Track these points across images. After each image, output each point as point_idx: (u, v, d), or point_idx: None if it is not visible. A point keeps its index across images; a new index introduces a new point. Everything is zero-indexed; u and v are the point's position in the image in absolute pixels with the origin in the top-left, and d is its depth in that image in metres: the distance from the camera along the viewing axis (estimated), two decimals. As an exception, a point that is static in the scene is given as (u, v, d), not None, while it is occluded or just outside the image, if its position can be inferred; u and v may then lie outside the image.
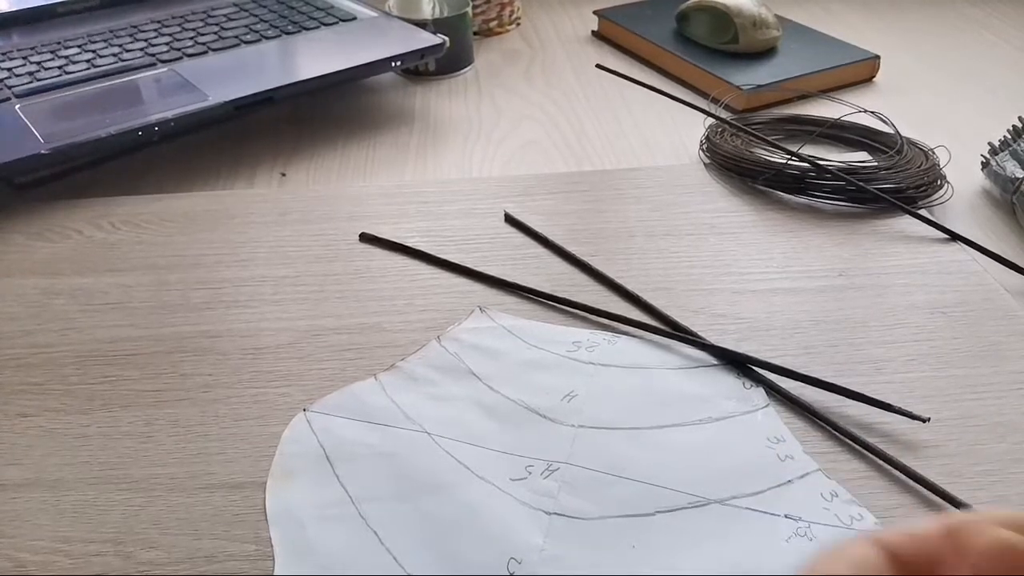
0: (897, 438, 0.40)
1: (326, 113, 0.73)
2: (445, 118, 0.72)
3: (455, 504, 0.36)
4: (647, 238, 0.54)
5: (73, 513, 0.37)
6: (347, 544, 0.35)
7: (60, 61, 0.70)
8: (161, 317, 0.49)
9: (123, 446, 0.40)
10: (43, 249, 0.55)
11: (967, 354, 0.44)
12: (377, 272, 0.52)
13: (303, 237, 0.55)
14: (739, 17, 0.75)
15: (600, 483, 0.37)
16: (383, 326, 0.47)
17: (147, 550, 0.36)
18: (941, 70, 0.78)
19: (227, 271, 0.52)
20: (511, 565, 0.34)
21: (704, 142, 0.64)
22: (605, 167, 0.64)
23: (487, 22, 0.88)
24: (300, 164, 0.66)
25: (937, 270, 0.50)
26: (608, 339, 0.46)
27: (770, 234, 0.54)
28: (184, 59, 0.70)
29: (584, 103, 0.74)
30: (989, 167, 0.59)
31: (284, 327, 0.48)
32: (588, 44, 0.87)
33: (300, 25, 0.75)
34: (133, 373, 0.45)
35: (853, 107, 0.67)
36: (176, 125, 0.61)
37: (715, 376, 0.43)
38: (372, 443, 0.40)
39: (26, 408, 0.43)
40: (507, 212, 0.57)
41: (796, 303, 0.48)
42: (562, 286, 0.50)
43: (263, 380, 0.44)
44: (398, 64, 0.69)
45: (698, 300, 0.49)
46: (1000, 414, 0.41)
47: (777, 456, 0.39)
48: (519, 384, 0.43)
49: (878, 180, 0.56)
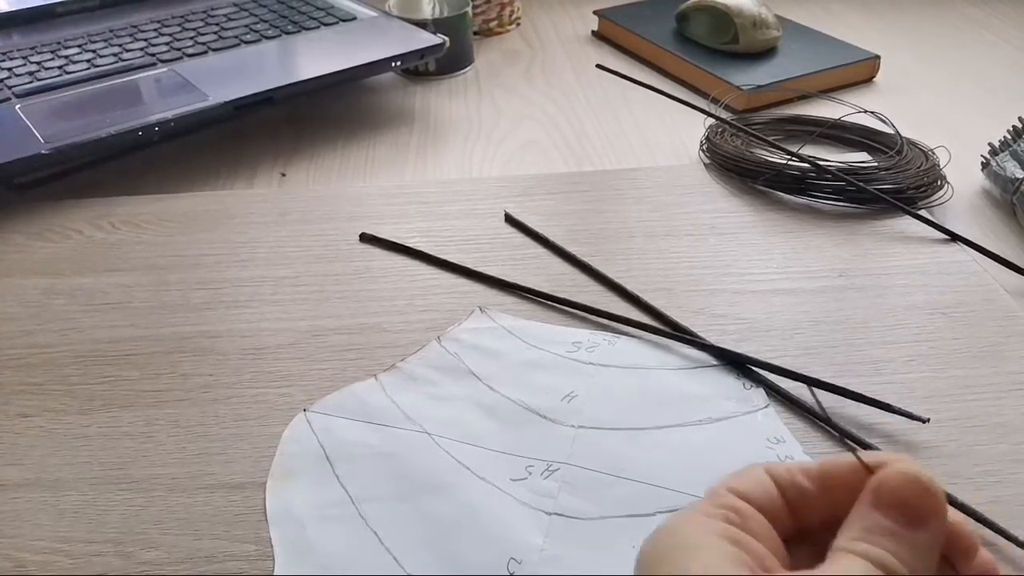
0: (897, 439, 0.40)
1: (326, 113, 0.73)
2: (445, 118, 0.72)
3: (455, 504, 0.37)
4: (647, 238, 0.54)
5: (73, 513, 0.37)
6: (347, 544, 0.35)
7: (60, 61, 0.70)
8: (161, 317, 0.49)
9: (123, 446, 0.40)
10: (43, 249, 0.55)
11: (967, 355, 0.44)
12: (377, 272, 0.52)
13: (303, 237, 0.55)
14: (739, 17, 0.75)
15: (600, 483, 0.37)
16: (383, 326, 0.47)
17: (147, 550, 0.36)
18: (941, 70, 0.78)
19: (227, 271, 0.52)
20: (511, 565, 0.34)
21: (704, 142, 0.64)
22: (605, 167, 0.64)
23: (487, 22, 0.88)
24: (300, 164, 0.66)
25: (937, 270, 0.50)
26: (608, 339, 0.46)
27: (770, 234, 0.54)
28: (184, 59, 0.70)
29: (584, 103, 0.74)
30: (989, 167, 0.59)
31: (284, 327, 0.48)
32: (588, 44, 0.87)
33: (300, 25, 0.75)
34: (133, 373, 0.45)
35: (853, 107, 0.67)
36: (176, 125, 0.61)
37: (715, 377, 0.43)
38: (372, 443, 0.40)
39: (26, 408, 0.43)
40: (507, 212, 0.57)
41: (796, 303, 0.48)
42: (562, 286, 0.50)
43: (263, 380, 0.44)
44: (398, 64, 0.69)
45: (698, 300, 0.49)
46: (1000, 415, 0.41)
47: (777, 457, 0.39)
48: (519, 384, 0.43)
49: (878, 180, 0.56)
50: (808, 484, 0.24)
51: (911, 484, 0.22)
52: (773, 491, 0.24)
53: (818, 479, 0.24)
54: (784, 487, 0.24)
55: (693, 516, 0.23)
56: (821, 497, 0.24)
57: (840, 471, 0.24)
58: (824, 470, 0.24)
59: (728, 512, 0.23)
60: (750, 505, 0.24)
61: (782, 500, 0.24)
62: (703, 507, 0.24)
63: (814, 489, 0.24)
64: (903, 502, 0.22)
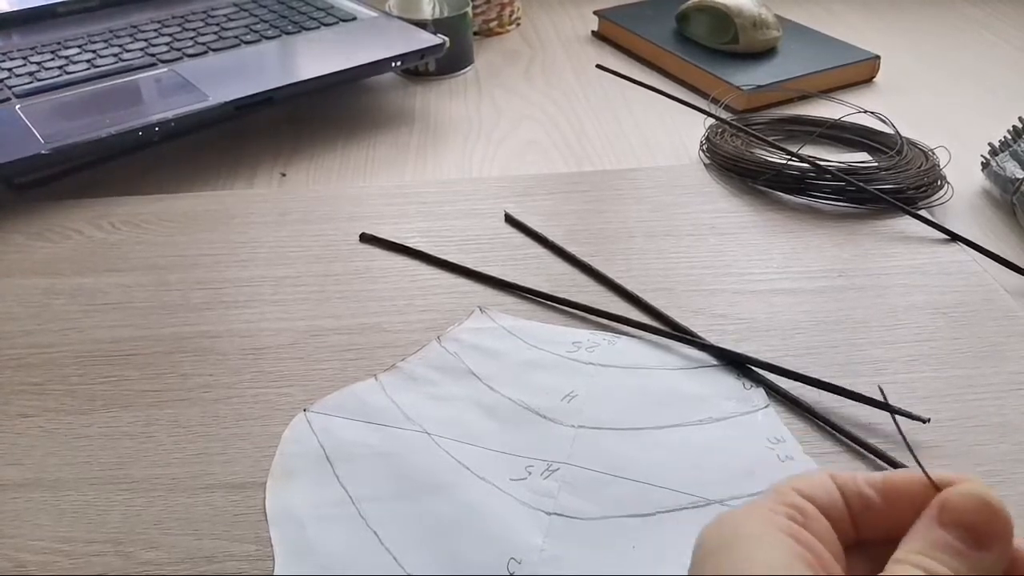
0: (897, 439, 0.39)
1: (326, 113, 0.73)
2: (445, 118, 0.72)
3: (455, 504, 0.36)
4: (647, 238, 0.54)
5: (73, 513, 0.37)
6: (347, 544, 0.35)
7: (60, 61, 0.70)
8: (161, 317, 0.49)
9: (123, 446, 0.40)
10: (43, 249, 0.55)
11: (967, 355, 0.44)
12: (377, 272, 0.52)
13: (303, 237, 0.55)
14: (739, 17, 0.75)
15: (600, 483, 0.37)
16: (383, 326, 0.47)
17: (147, 550, 0.36)
18: (941, 70, 0.78)
19: (227, 271, 0.52)
20: (511, 565, 0.34)
21: (704, 142, 0.64)
22: (605, 167, 0.64)
23: (487, 22, 0.88)
24: (300, 164, 0.66)
25: (937, 271, 0.50)
26: (608, 339, 0.46)
27: (770, 234, 0.54)
28: (184, 59, 0.70)
29: (584, 103, 0.74)
30: (989, 167, 0.59)
31: (284, 327, 0.48)
32: (588, 44, 0.87)
33: (300, 25, 0.75)
34: (133, 373, 0.45)
35: (853, 107, 0.67)
36: (176, 125, 0.61)
37: (715, 377, 0.43)
38: (372, 443, 0.40)
39: (26, 408, 0.43)
40: (507, 212, 0.57)
41: (796, 303, 0.48)
42: (562, 286, 0.50)
43: (263, 380, 0.44)
44: (398, 64, 0.69)
45: (698, 300, 0.49)
46: (1000, 414, 0.41)
47: (777, 457, 0.39)
48: (519, 384, 0.43)
49: (878, 180, 0.56)
50: (872, 494, 0.24)
51: (980, 504, 0.22)
52: (837, 497, 0.24)
53: (883, 491, 0.24)
54: (848, 495, 0.24)
55: (758, 509, 0.23)
56: (884, 509, 0.24)
57: (906, 485, 0.24)
58: (889, 482, 0.24)
59: (792, 511, 0.23)
60: (814, 507, 0.23)
61: (845, 507, 0.24)
62: (768, 503, 0.23)
63: (878, 500, 0.24)
64: (970, 522, 0.22)
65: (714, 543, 0.22)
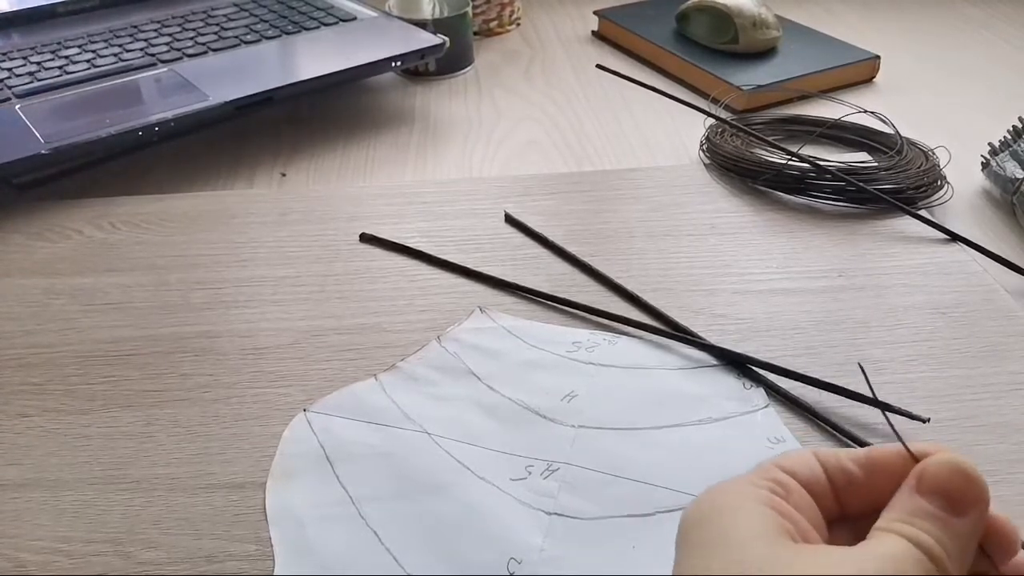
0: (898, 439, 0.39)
1: (326, 113, 0.73)
2: (445, 118, 0.72)
3: (455, 504, 0.36)
4: (647, 238, 0.54)
5: (73, 513, 0.37)
6: (347, 544, 0.35)
7: (60, 61, 0.70)
8: (161, 317, 0.49)
9: (123, 446, 0.40)
10: (43, 249, 0.55)
11: (967, 355, 0.44)
12: (377, 272, 0.52)
13: (303, 237, 0.55)
14: (739, 17, 0.75)
15: (600, 483, 0.37)
16: (383, 326, 0.47)
17: (147, 550, 0.36)
18: (941, 70, 0.78)
19: (227, 271, 0.52)
20: (511, 565, 0.34)
21: (704, 142, 0.64)
22: (605, 167, 0.64)
23: (487, 22, 0.88)
24: (300, 164, 0.66)
25: (937, 271, 0.50)
26: (608, 339, 0.46)
27: (770, 234, 0.54)
28: (184, 59, 0.70)
29: (584, 103, 0.74)
30: (989, 167, 0.59)
31: (284, 327, 0.48)
32: (588, 44, 0.87)
33: (300, 25, 0.75)
34: (133, 373, 0.45)
35: (853, 107, 0.67)
36: (176, 125, 0.61)
37: (715, 376, 0.43)
38: (372, 443, 0.40)
39: (26, 408, 0.43)
40: (507, 212, 0.57)
41: (796, 303, 0.48)
42: (562, 286, 0.50)
43: (263, 380, 0.44)
44: (398, 64, 0.69)
45: (698, 300, 0.49)
46: (1000, 414, 0.41)
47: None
48: (519, 384, 0.43)
49: (878, 180, 0.56)
50: (855, 469, 0.24)
51: (955, 472, 0.23)
52: (820, 473, 0.24)
53: (864, 465, 0.25)
54: (831, 471, 0.25)
55: (740, 483, 0.24)
56: (865, 483, 0.24)
57: (886, 458, 0.24)
58: (871, 457, 0.25)
59: (774, 484, 0.24)
60: (796, 482, 0.24)
61: (828, 482, 0.24)
62: (750, 477, 0.24)
63: (860, 475, 0.24)
64: (946, 488, 0.22)
65: (698, 515, 0.23)
